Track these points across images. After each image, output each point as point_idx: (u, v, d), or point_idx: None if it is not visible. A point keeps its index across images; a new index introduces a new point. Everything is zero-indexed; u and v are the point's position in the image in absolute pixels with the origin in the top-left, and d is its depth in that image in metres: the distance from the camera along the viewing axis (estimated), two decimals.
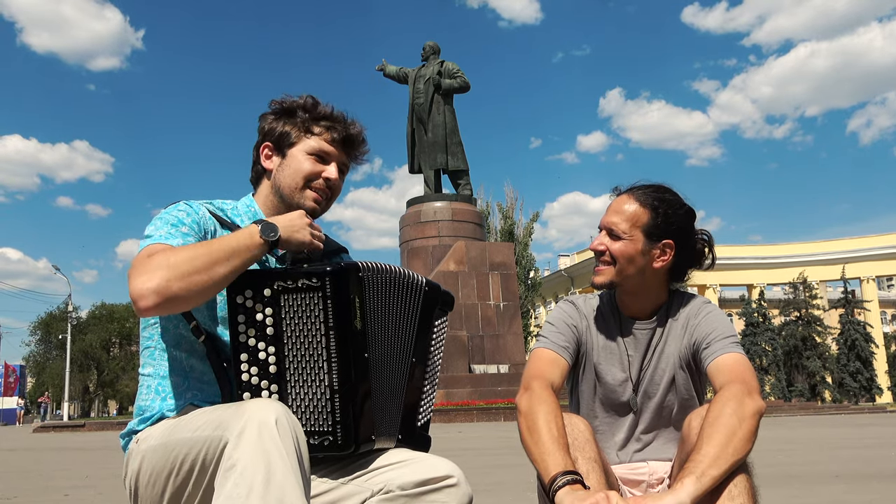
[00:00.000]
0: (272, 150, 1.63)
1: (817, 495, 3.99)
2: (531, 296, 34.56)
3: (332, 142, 1.61)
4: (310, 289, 1.39)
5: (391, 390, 1.51)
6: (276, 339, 1.41)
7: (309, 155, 1.60)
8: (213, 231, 1.53)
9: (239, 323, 1.43)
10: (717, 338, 1.65)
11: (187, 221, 1.49)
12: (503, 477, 4.99)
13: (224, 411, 1.28)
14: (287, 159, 1.61)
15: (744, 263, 44.56)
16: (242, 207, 1.63)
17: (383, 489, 1.39)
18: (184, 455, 1.30)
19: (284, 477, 1.16)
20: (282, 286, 1.41)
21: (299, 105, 1.63)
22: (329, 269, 1.40)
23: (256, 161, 1.66)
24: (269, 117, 1.65)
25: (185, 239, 1.45)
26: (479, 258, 18.62)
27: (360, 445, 1.41)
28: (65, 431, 18.74)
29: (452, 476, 1.39)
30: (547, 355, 1.72)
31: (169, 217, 1.49)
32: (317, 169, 1.60)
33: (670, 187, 1.77)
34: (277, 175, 1.61)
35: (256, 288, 1.42)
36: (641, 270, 1.71)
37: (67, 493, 4.76)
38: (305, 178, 1.59)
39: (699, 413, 1.53)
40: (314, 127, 1.61)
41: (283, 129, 1.62)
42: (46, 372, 50.33)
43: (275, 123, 1.63)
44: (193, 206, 1.54)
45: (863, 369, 39.45)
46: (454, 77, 20.26)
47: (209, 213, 1.55)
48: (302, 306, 1.40)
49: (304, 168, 1.59)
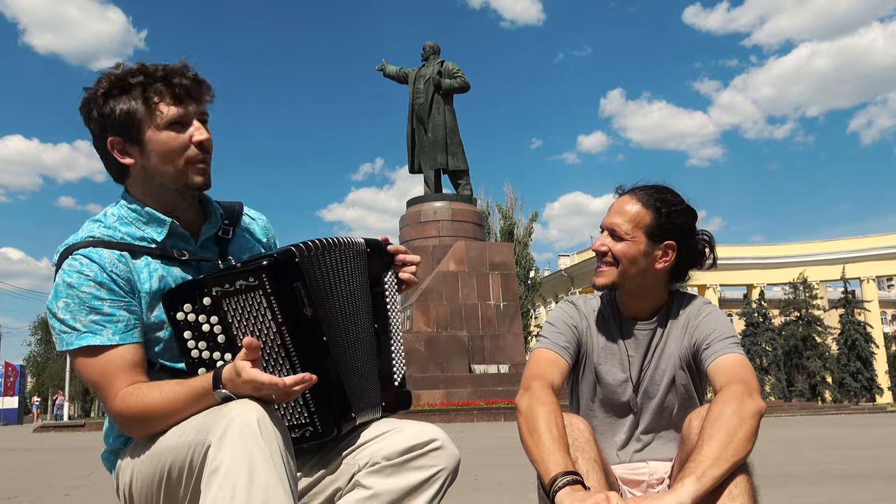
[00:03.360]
0: (122, 142, 1.42)
1: (817, 495, 3.99)
2: (531, 296, 34.53)
3: (178, 101, 1.40)
4: (249, 288, 1.34)
5: (362, 363, 1.50)
6: (231, 345, 1.38)
7: (166, 129, 1.40)
8: (130, 272, 1.39)
9: (187, 340, 1.39)
10: (718, 338, 1.65)
11: (103, 294, 1.35)
12: (504, 477, 4.99)
13: (206, 415, 1.28)
14: (147, 146, 1.40)
15: (744, 263, 44.52)
16: (129, 214, 1.46)
17: (369, 461, 1.39)
18: (171, 461, 1.30)
19: (268, 477, 1.16)
20: (220, 291, 1.36)
21: (125, 74, 1.40)
22: (265, 264, 1.34)
23: (109, 160, 1.45)
24: (96, 102, 1.41)
25: (114, 326, 1.35)
26: (479, 258, 18.61)
27: (341, 428, 1.41)
28: (65, 431, 18.74)
29: (437, 439, 1.40)
30: (547, 355, 1.72)
31: (83, 294, 1.34)
32: (183, 139, 1.41)
33: (672, 188, 1.77)
34: (146, 166, 1.42)
35: (195, 299, 1.38)
36: (643, 271, 1.71)
37: (68, 493, 4.76)
38: (178, 154, 1.41)
39: (699, 413, 1.53)
40: (154, 95, 1.39)
41: (121, 111, 1.39)
42: (46, 372, 50.31)
43: (107, 107, 1.39)
44: (94, 256, 1.37)
45: (863, 369, 39.43)
46: (454, 77, 20.25)
47: (116, 252, 1.39)
48: (246, 307, 1.36)
49: (171, 147, 1.40)
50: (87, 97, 1.42)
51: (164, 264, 1.45)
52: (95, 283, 1.36)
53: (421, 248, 19.14)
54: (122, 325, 1.37)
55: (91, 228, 1.44)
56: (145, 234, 1.45)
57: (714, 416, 1.43)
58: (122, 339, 1.36)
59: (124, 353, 1.36)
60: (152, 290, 1.42)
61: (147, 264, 1.43)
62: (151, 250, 1.44)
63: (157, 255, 1.44)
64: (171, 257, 1.45)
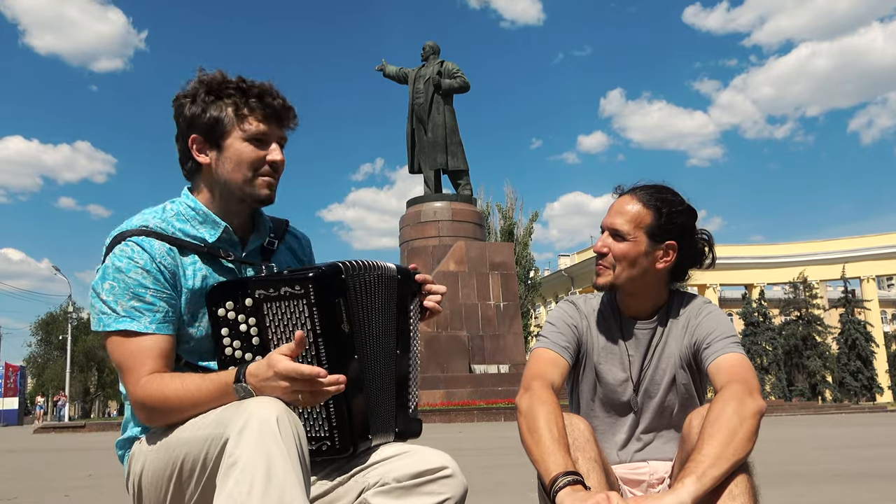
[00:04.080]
0: (203, 142, 1.49)
1: (817, 495, 3.99)
2: (531, 296, 34.54)
3: (266, 120, 1.49)
4: (293, 296, 1.36)
5: (382, 387, 1.51)
6: (263, 348, 1.39)
7: (247, 141, 1.48)
8: (177, 268, 1.44)
9: (223, 336, 1.42)
10: (718, 338, 1.65)
11: (149, 283, 1.40)
12: (504, 477, 4.99)
13: (225, 410, 1.28)
14: (225, 151, 1.48)
15: (744, 263, 44.53)
16: (187, 211, 1.51)
17: (379, 482, 1.40)
18: (185, 454, 1.31)
19: (285, 474, 1.16)
20: (263, 294, 1.38)
21: (223, 83, 1.48)
22: (312, 275, 1.36)
23: (187, 155, 1.52)
24: (188, 101, 1.49)
25: (152, 315, 1.39)
26: (479, 258, 18.61)
27: (357, 447, 1.42)
28: (65, 432, 18.73)
29: (447, 467, 1.40)
30: (547, 355, 1.72)
31: (129, 280, 1.39)
32: (260, 154, 1.49)
33: (672, 187, 1.77)
34: (218, 170, 1.49)
35: (237, 298, 1.40)
36: (644, 271, 1.71)
37: (68, 494, 4.76)
38: (251, 167, 1.49)
39: (700, 413, 1.53)
40: (245, 108, 1.47)
41: (210, 116, 1.47)
42: (47, 373, 50.32)
43: (197, 108, 1.48)
44: (146, 245, 1.42)
45: (863, 368, 39.47)
46: (454, 77, 20.25)
47: (167, 245, 1.44)
48: (287, 314, 1.37)
49: (247, 158, 1.48)
50: (183, 95, 1.50)
51: (210, 265, 1.49)
52: (143, 270, 1.40)
53: (421, 248, 19.15)
54: (161, 315, 1.41)
55: (146, 218, 1.48)
56: (198, 234, 1.49)
57: (714, 415, 1.43)
58: (158, 329, 1.40)
59: (156, 342, 1.40)
60: (194, 288, 1.45)
61: (193, 262, 1.47)
62: (200, 249, 1.48)
63: (205, 255, 1.48)
64: (217, 259, 1.50)
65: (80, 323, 44.64)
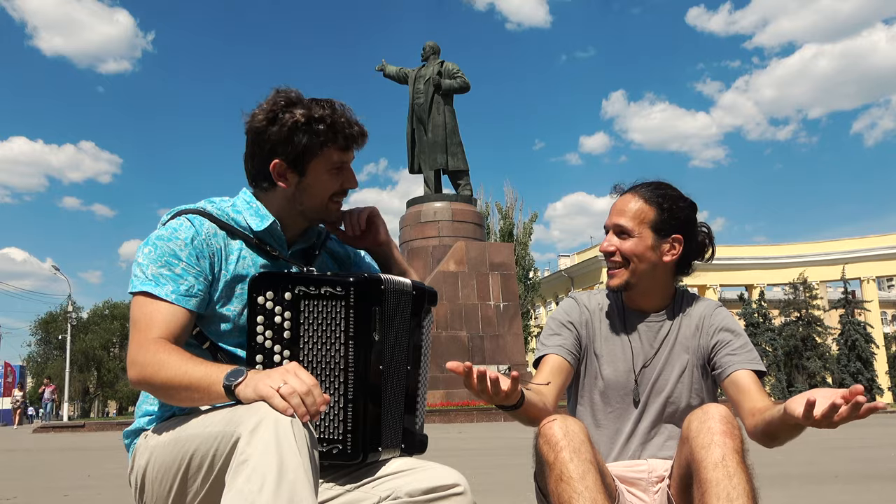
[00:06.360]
0: (286, 168, 1.51)
1: (817, 495, 3.99)
2: (531, 296, 34.54)
3: (347, 149, 1.54)
4: (333, 297, 1.40)
5: (393, 401, 1.52)
6: (293, 343, 1.41)
7: (330, 171, 1.54)
8: (220, 250, 1.49)
9: (258, 324, 1.44)
10: (740, 350, 1.73)
11: (184, 255, 1.44)
12: (503, 477, 4.99)
13: (237, 409, 1.28)
14: (308, 178, 1.53)
15: (744, 263, 44.51)
16: (242, 204, 1.57)
17: (391, 495, 1.40)
18: (194, 450, 1.31)
19: (296, 474, 1.16)
20: (303, 291, 1.41)
21: (309, 111, 1.50)
22: (353, 280, 1.40)
23: (264, 176, 1.54)
24: (270, 124, 1.50)
25: (175, 285, 1.42)
26: (479, 258, 18.61)
27: (367, 456, 1.42)
28: (65, 432, 18.72)
29: (459, 485, 1.42)
30: (552, 361, 1.77)
31: (166, 248, 1.44)
32: (338, 183, 1.56)
33: (670, 183, 1.79)
34: (297, 195, 1.54)
35: (277, 290, 1.43)
36: (654, 266, 1.74)
37: (67, 494, 4.76)
38: (329, 195, 1.56)
39: (698, 414, 1.54)
40: (330, 140, 1.51)
41: (296, 143, 1.49)
42: (46, 372, 50.32)
43: (282, 134, 1.49)
44: (196, 222, 1.48)
45: (863, 370, 39.43)
46: (454, 77, 20.25)
47: (216, 227, 1.50)
48: (322, 313, 1.41)
49: (329, 188, 1.55)
50: (268, 117, 1.50)
51: (255, 254, 1.53)
52: (183, 243, 1.45)
53: (421, 249, 19.16)
54: (185, 287, 1.43)
55: (204, 204, 1.55)
56: (248, 223, 1.54)
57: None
58: (177, 300, 1.42)
59: (172, 311, 1.41)
60: (235, 273, 1.50)
61: (240, 248, 1.52)
62: (248, 238, 1.53)
63: (252, 245, 1.53)
64: (263, 250, 1.54)
65: (80, 322, 44.65)
